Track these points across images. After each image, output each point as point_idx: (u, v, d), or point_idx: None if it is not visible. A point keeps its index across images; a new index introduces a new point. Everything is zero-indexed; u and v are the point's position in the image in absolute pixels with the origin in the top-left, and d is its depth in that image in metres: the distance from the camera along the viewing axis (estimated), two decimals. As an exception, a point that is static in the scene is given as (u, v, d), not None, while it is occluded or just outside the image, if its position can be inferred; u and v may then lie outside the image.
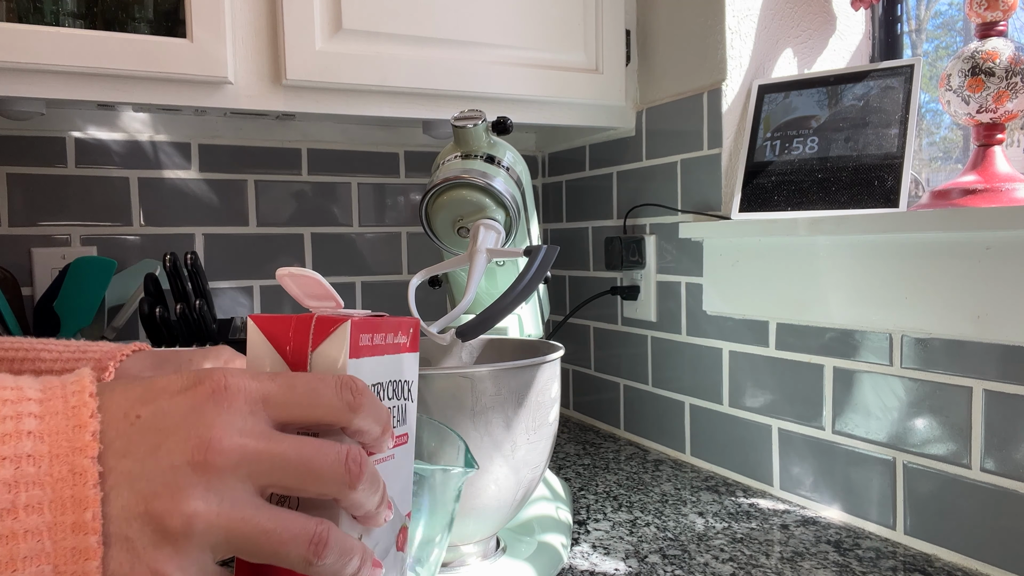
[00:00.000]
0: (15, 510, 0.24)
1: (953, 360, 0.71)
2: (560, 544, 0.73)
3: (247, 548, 0.28)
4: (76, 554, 0.25)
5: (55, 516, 0.25)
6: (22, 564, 0.24)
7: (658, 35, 1.09)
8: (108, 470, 0.26)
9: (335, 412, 0.31)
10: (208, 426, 0.27)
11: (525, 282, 0.65)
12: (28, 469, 0.25)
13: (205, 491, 0.26)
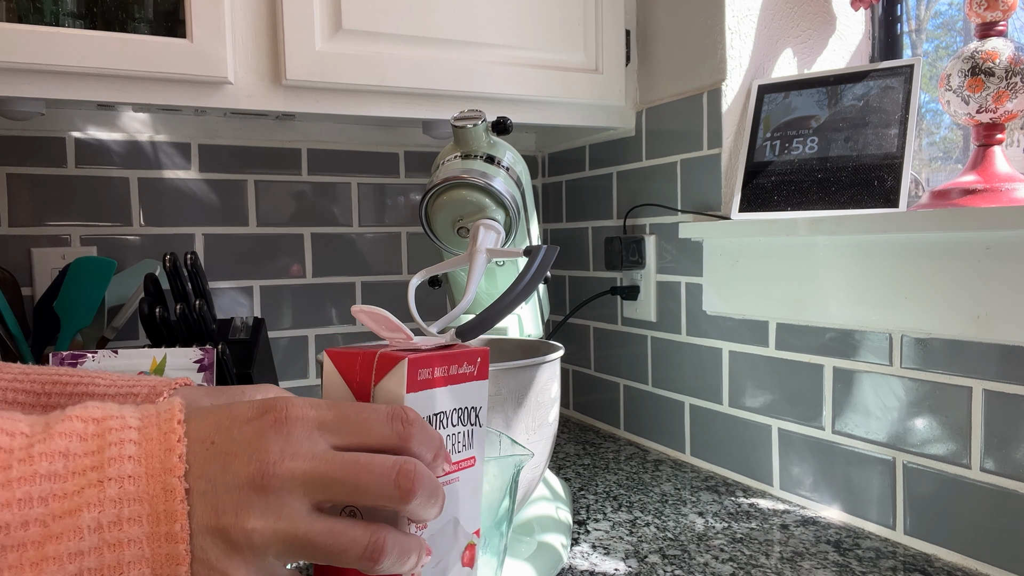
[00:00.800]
0: (120, 523, 0.29)
1: (953, 360, 0.71)
2: (560, 544, 0.73)
3: (307, 555, 0.32)
4: (169, 560, 0.29)
5: (152, 527, 0.30)
6: (127, 568, 0.29)
7: (658, 35, 1.09)
8: (191, 488, 0.31)
9: (386, 439, 0.34)
10: (267, 451, 0.31)
11: (525, 282, 0.65)
12: (129, 488, 0.30)
13: (264, 509, 0.31)
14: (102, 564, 0.29)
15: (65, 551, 0.29)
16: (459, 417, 0.41)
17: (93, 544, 0.29)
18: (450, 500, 0.40)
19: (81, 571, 0.29)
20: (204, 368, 0.84)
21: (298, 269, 1.24)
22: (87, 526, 0.29)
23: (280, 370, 1.23)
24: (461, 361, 0.41)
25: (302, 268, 1.24)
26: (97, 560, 0.29)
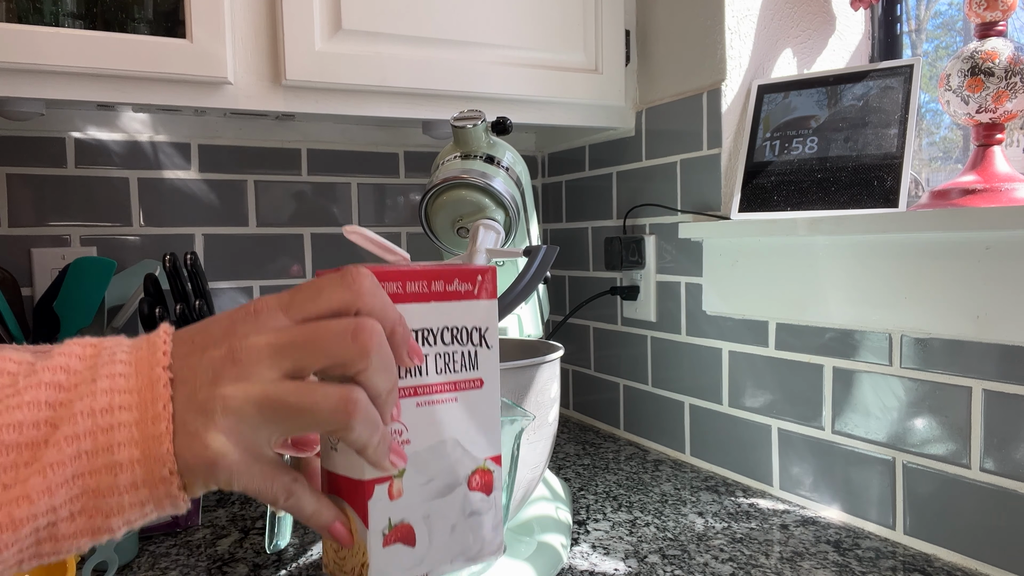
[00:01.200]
0: (112, 409, 0.33)
1: (953, 360, 0.71)
2: (560, 544, 0.73)
3: (283, 418, 0.34)
4: (155, 440, 0.33)
5: (140, 412, 0.33)
6: (118, 449, 0.32)
7: (658, 35, 1.09)
8: (174, 377, 0.34)
9: (339, 299, 0.36)
10: (236, 333, 0.34)
11: (525, 282, 0.65)
12: (120, 382, 0.33)
13: (236, 378, 0.33)
14: (96, 447, 0.32)
15: (62, 436, 0.32)
16: (453, 336, 0.40)
17: (87, 428, 0.32)
18: (443, 420, 0.40)
19: (79, 454, 0.32)
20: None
21: (298, 269, 1.24)
22: (81, 412, 0.32)
23: (280, 370, 1.23)
24: (451, 278, 0.40)
25: (302, 268, 1.24)
26: (91, 443, 0.32)
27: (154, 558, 0.76)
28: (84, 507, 0.32)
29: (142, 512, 0.33)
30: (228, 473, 0.34)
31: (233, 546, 0.78)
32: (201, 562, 0.75)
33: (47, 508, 0.31)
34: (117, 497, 0.33)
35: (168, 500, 0.34)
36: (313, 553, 0.76)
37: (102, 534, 0.33)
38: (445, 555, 0.40)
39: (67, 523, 0.32)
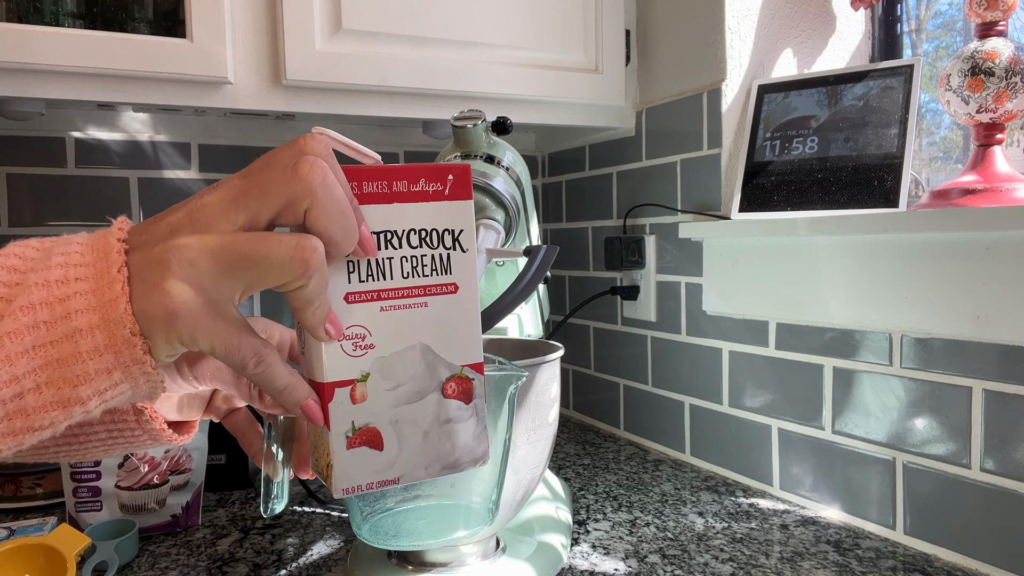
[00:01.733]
0: (68, 280, 0.33)
1: (953, 360, 0.71)
2: (560, 544, 0.73)
3: (239, 268, 0.33)
4: (111, 303, 0.32)
5: (96, 282, 0.33)
6: (76, 316, 0.32)
7: (658, 35, 1.09)
8: (129, 243, 0.34)
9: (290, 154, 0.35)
10: (196, 199, 0.34)
11: (525, 282, 0.65)
12: (75, 257, 0.33)
13: (192, 230, 0.33)
14: (54, 316, 0.32)
15: (18, 306, 0.31)
16: (421, 239, 0.39)
17: (42, 298, 0.32)
18: (412, 325, 0.39)
19: (36, 323, 0.31)
20: (204, 368, 0.84)
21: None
22: (35, 283, 0.32)
23: (280, 370, 1.23)
24: (416, 178, 0.38)
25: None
26: (48, 313, 0.32)
27: (154, 558, 0.76)
28: (50, 378, 0.32)
29: (111, 380, 0.33)
30: (191, 325, 0.33)
31: (233, 546, 0.78)
32: (201, 562, 0.75)
33: (9, 378, 0.31)
34: (82, 364, 0.32)
35: (136, 366, 0.33)
36: (313, 553, 0.76)
37: (73, 406, 0.32)
38: (418, 461, 0.39)
39: (34, 395, 0.31)
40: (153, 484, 0.80)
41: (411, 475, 0.39)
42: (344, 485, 0.37)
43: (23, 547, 0.67)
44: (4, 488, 0.91)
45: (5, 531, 0.78)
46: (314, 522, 0.85)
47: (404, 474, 0.39)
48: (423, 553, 0.67)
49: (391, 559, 0.69)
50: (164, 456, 0.81)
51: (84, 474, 0.79)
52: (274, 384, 0.37)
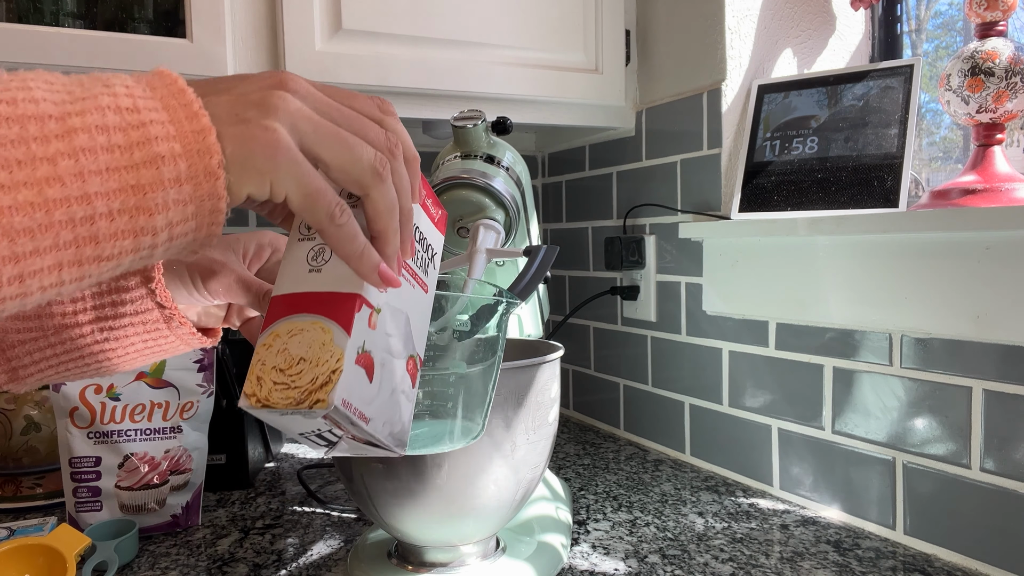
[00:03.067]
0: (138, 109, 0.31)
1: (953, 360, 0.71)
2: (560, 544, 0.73)
3: (331, 138, 0.35)
4: (196, 134, 0.31)
5: (171, 114, 0.31)
6: (156, 142, 0.30)
7: (658, 35, 1.09)
8: (205, 101, 0.32)
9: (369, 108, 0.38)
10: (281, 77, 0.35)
11: (525, 282, 0.65)
12: (138, 91, 0.31)
13: (290, 95, 0.34)
14: (129, 141, 0.30)
15: (92, 123, 0.29)
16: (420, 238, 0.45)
17: (116, 123, 0.30)
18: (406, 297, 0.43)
19: (110, 146, 0.29)
20: (204, 368, 0.84)
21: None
22: (106, 107, 0.30)
23: (280, 370, 1.23)
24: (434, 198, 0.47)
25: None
26: (123, 138, 0.30)
27: (154, 558, 0.76)
28: (124, 205, 0.30)
29: (183, 214, 0.31)
30: (289, 162, 0.33)
31: (233, 546, 0.78)
32: (201, 562, 0.75)
33: (80, 194, 0.28)
34: (161, 192, 0.30)
35: (210, 202, 0.32)
36: (313, 553, 0.76)
37: (144, 235, 0.31)
38: (383, 414, 0.40)
39: (106, 220, 0.29)
40: (153, 484, 0.81)
41: (375, 423, 0.40)
42: (344, 396, 0.37)
43: (23, 547, 0.67)
44: (4, 488, 0.91)
45: (5, 531, 0.78)
46: (314, 522, 0.85)
47: (374, 418, 0.39)
48: (423, 552, 0.67)
49: (391, 559, 0.69)
50: (164, 456, 0.81)
51: (84, 474, 0.79)
52: (354, 242, 0.37)
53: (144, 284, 0.47)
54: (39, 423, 0.89)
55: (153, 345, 0.49)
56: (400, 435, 0.42)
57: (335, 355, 0.38)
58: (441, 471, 0.60)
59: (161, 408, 0.81)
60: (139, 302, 0.47)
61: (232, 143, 0.32)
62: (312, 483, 0.98)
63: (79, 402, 0.78)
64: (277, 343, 0.38)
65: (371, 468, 0.61)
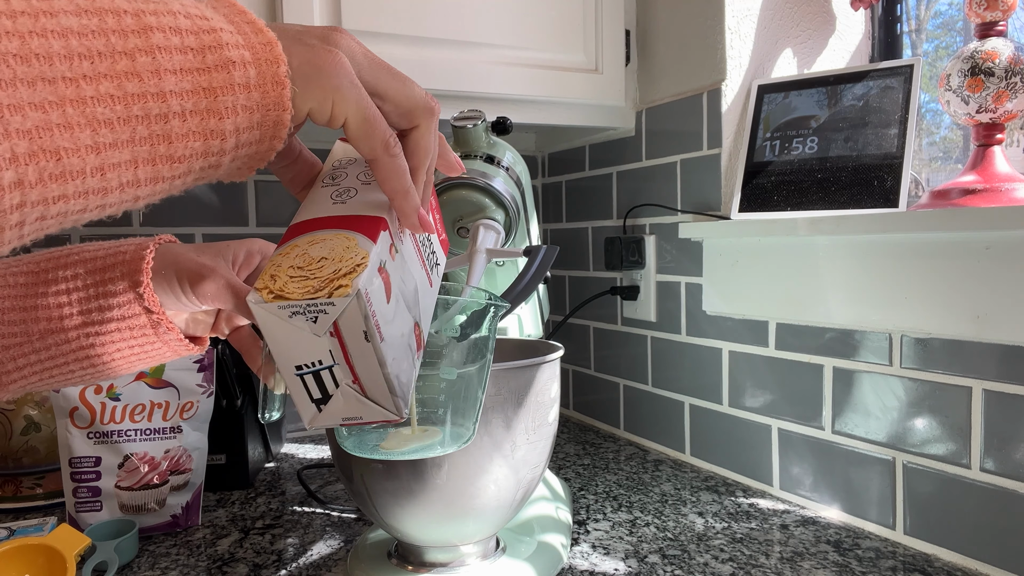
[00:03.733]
0: (207, 18, 0.32)
1: (953, 360, 0.71)
2: (560, 544, 0.73)
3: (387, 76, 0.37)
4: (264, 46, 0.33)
5: (238, 27, 0.33)
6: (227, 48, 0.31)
7: (658, 35, 1.09)
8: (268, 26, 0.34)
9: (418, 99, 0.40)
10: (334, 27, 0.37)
11: (525, 282, 0.65)
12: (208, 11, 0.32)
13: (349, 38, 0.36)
14: (202, 45, 0.31)
15: (166, 24, 0.30)
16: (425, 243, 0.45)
17: (189, 27, 0.31)
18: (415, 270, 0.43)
19: (184, 48, 0.30)
20: (204, 368, 0.84)
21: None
22: (177, 12, 0.31)
23: (280, 370, 1.23)
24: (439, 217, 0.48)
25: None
26: (196, 41, 0.30)
27: (154, 558, 0.76)
28: (196, 107, 0.30)
29: (250, 121, 0.32)
30: (350, 84, 0.34)
31: (233, 546, 0.78)
32: (201, 562, 0.75)
33: (156, 91, 0.29)
34: (231, 96, 0.31)
35: (275, 113, 0.33)
36: (313, 553, 0.76)
37: (214, 139, 0.32)
38: (395, 347, 0.38)
39: (179, 120, 0.30)
40: (153, 484, 0.81)
41: (389, 351, 0.37)
42: (367, 288, 0.35)
43: (23, 547, 0.67)
44: (4, 488, 0.91)
45: (5, 531, 0.78)
46: (314, 522, 0.85)
47: (388, 342, 0.37)
48: (423, 552, 0.67)
49: (391, 559, 0.69)
50: (164, 456, 0.81)
51: (84, 474, 0.79)
52: (404, 178, 0.38)
53: (132, 288, 0.46)
54: (39, 423, 0.89)
55: (140, 352, 0.49)
56: (404, 389, 0.39)
57: (359, 254, 0.36)
58: (441, 471, 0.60)
59: (161, 408, 0.81)
60: (127, 307, 0.46)
61: (298, 58, 0.33)
62: (312, 483, 0.98)
63: (79, 402, 0.78)
64: (295, 251, 0.37)
65: (371, 468, 0.61)
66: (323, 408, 0.38)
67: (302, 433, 1.25)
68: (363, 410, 0.38)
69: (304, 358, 0.36)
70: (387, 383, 0.37)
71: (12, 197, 0.25)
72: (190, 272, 0.47)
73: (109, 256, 0.48)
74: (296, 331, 0.35)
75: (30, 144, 0.25)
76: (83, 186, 0.28)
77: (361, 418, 0.39)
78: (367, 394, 0.37)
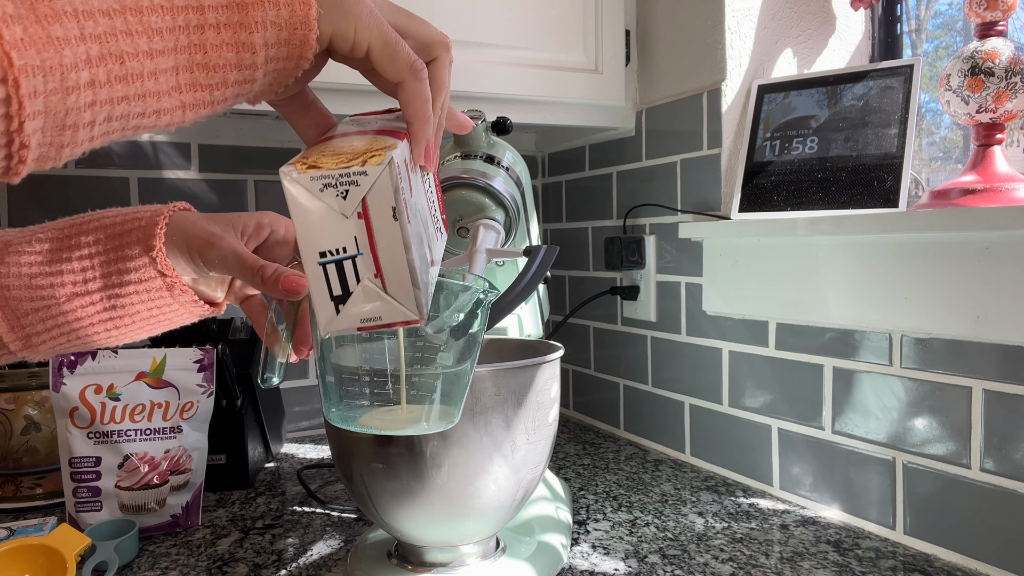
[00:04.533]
0: None
1: (953, 360, 0.71)
2: (560, 544, 0.73)
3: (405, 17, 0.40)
4: None
5: None
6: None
7: (658, 35, 1.09)
8: None
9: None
10: None
11: (525, 282, 0.65)
12: None
13: None
14: None
15: None
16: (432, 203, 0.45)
17: None
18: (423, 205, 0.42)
19: None
20: (204, 368, 0.84)
21: (298, 269, 1.23)
22: None
23: (280, 370, 1.23)
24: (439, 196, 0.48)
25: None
26: None
27: (154, 558, 0.76)
28: (229, 20, 0.33)
29: (278, 37, 0.34)
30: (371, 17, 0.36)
31: (233, 546, 0.78)
32: (201, 562, 0.75)
33: (196, 5, 0.32)
34: (260, 11, 0.33)
35: (302, 31, 0.35)
36: (313, 553, 0.76)
37: (245, 52, 0.34)
38: (417, 231, 0.38)
39: (214, 32, 0.32)
40: (153, 484, 0.81)
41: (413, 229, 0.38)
42: (398, 160, 0.36)
43: (23, 547, 0.67)
44: (4, 488, 0.91)
45: (5, 531, 0.78)
46: (314, 522, 0.85)
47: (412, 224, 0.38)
48: (423, 552, 0.67)
49: (391, 559, 0.69)
50: (164, 456, 0.81)
51: (84, 474, 0.79)
52: (427, 104, 0.40)
53: (146, 253, 0.49)
54: (39, 423, 0.89)
55: (158, 313, 0.51)
56: (424, 288, 0.38)
57: (388, 143, 0.37)
58: (441, 471, 0.60)
59: (161, 408, 0.81)
60: (142, 270, 0.49)
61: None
62: (312, 483, 0.98)
63: (79, 402, 0.78)
64: (327, 145, 0.38)
65: (371, 468, 0.61)
66: (341, 309, 0.37)
67: (302, 433, 1.25)
68: (383, 309, 0.37)
69: (329, 243, 0.36)
70: (410, 272, 0.37)
71: (86, 96, 0.28)
72: (199, 240, 0.49)
73: (127, 222, 0.51)
74: (324, 210, 0.35)
75: (100, 47, 0.28)
76: (142, 88, 0.30)
77: (380, 319, 0.38)
78: (388, 289, 0.37)
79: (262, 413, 1.02)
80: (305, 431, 1.26)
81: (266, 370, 0.53)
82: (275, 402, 1.13)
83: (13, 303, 0.49)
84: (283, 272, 0.47)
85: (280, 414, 1.15)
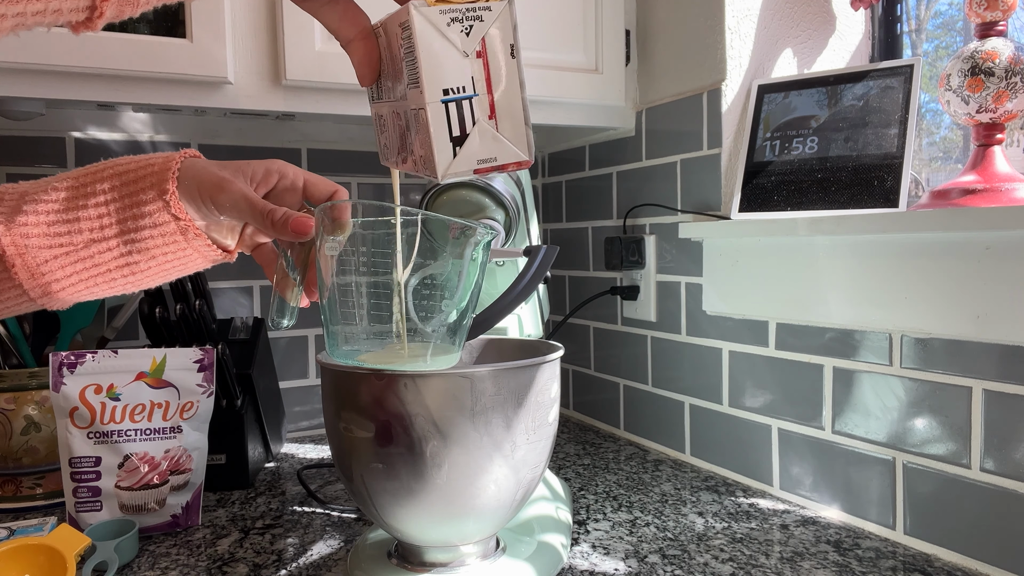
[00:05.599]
0: None
1: (953, 360, 0.71)
2: (560, 544, 0.73)
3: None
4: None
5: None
6: None
7: (658, 35, 1.09)
8: None
9: None
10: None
11: (525, 282, 0.65)
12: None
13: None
14: None
15: None
16: None
17: None
18: None
19: None
20: (204, 368, 0.84)
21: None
22: None
23: (280, 370, 1.23)
24: None
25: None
26: None
27: (154, 558, 0.76)
28: None
29: None
30: None
31: (233, 546, 0.78)
32: (201, 562, 0.75)
33: None
34: None
35: None
36: (313, 553, 0.76)
37: None
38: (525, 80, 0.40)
39: None
40: (153, 484, 0.81)
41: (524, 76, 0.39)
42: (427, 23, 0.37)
43: (23, 547, 0.67)
44: (4, 488, 0.91)
45: (5, 531, 0.78)
46: (314, 522, 0.85)
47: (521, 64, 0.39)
48: (423, 552, 0.67)
49: (391, 559, 0.69)
50: (164, 456, 0.81)
51: (84, 474, 0.79)
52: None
53: (160, 197, 0.50)
54: (39, 423, 0.89)
55: (173, 258, 0.53)
56: (530, 129, 0.41)
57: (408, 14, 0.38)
58: (441, 471, 0.60)
59: (161, 408, 0.81)
60: (157, 215, 0.50)
61: None
62: (312, 483, 0.98)
63: (79, 402, 0.78)
64: None
65: (371, 468, 0.61)
66: (458, 151, 0.39)
67: (302, 433, 1.25)
68: (498, 150, 0.40)
69: (452, 81, 0.38)
70: (524, 111, 0.39)
71: None
72: (211, 184, 0.51)
73: (140, 168, 0.52)
74: (447, 47, 0.37)
75: None
76: None
77: (496, 160, 0.40)
78: (501, 130, 0.39)
79: (262, 413, 1.02)
80: (305, 431, 1.26)
81: (278, 314, 0.55)
82: (275, 402, 1.13)
83: (32, 252, 0.50)
84: (292, 214, 0.49)
85: (280, 414, 1.15)
